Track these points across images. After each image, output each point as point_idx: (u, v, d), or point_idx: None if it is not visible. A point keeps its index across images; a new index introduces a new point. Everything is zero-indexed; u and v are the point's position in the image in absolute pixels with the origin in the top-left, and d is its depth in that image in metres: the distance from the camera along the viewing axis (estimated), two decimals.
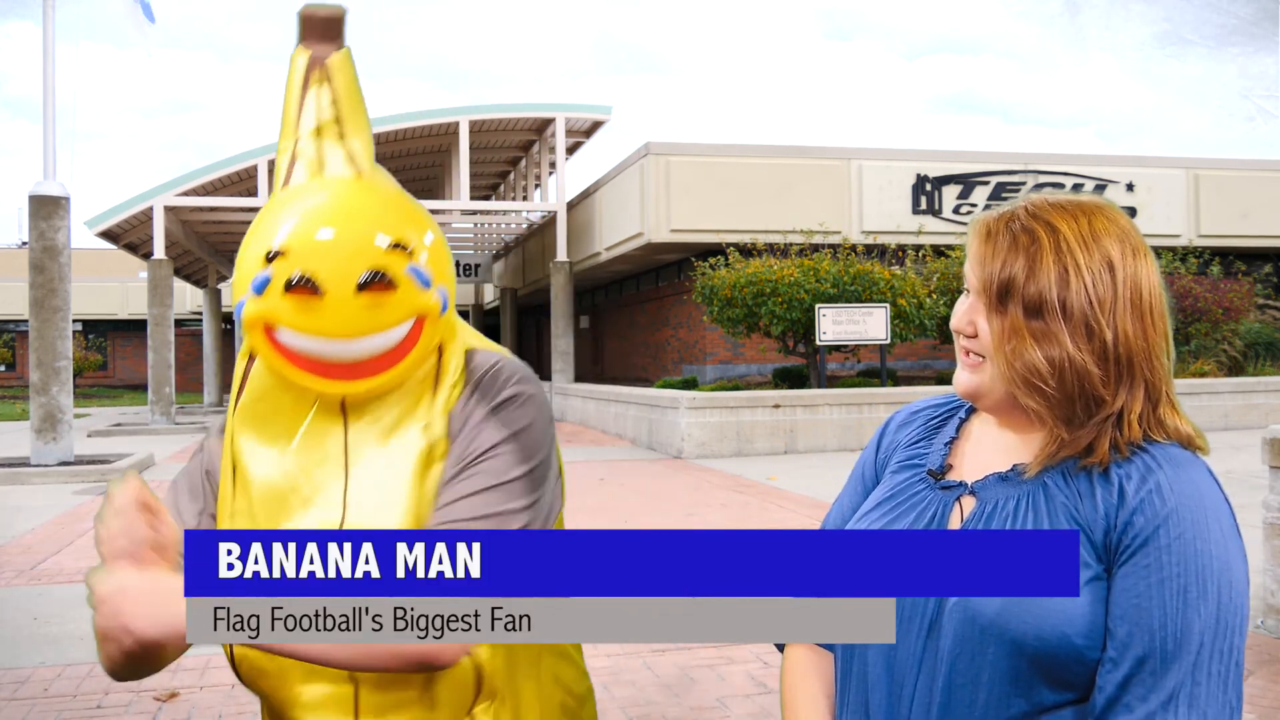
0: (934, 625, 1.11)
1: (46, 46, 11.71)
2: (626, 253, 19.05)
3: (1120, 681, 1.01)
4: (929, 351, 18.66)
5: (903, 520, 1.18)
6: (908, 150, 18.77)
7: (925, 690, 1.10)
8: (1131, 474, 1.06)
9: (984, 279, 1.10)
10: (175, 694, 4.03)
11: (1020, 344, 1.08)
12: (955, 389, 1.19)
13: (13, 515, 8.76)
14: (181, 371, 35.31)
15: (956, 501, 1.16)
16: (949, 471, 1.21)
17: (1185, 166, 19.78)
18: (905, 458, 1.27)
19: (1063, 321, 1.06)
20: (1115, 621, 1.03)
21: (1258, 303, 18.15)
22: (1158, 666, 1.00)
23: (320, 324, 1.25)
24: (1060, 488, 1.10)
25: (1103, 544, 1.05)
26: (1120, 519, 1.04)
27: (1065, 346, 1.06)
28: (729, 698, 3.91)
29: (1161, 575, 1.01)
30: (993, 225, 1.12)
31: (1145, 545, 1.03)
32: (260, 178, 18.91)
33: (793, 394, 12.92)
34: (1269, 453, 4.76)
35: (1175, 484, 1.05)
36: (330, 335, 1.26)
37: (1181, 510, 1.03)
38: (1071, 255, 1.07)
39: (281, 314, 1.26)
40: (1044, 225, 1.09)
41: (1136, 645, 1.01)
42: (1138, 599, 1.02)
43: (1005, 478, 1.14)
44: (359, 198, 1.31)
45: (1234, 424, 13.53)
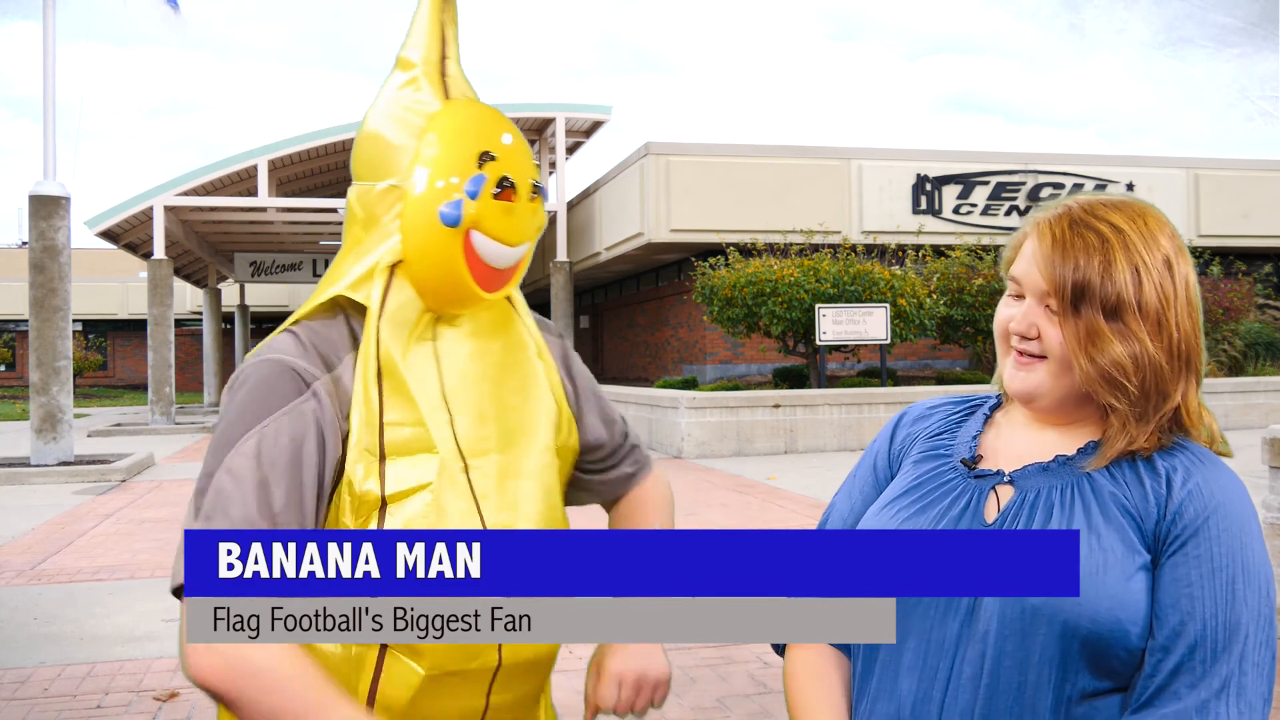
0: (972, 609, 1.11)
1: (46, 46, 11.71)
2: (626, 253, 19.04)
3: (1172, 669, 1.03)
4: (929, 351, 18.66)
5: (933, 508, 1.19)
6: (908, 150, 18.77)
7: (965, 674, 1.10)
8: (1177, 467, 1.10)
9: (1056, 281, 1.11)
10: (175, 694, 4.03)
11: (1103, 344, 1.10)
12: (1010, 391, 1.18)
13: (13, 515, 8.76)
14: (181, 371, 35.32)
15: (992, 490, 1.17)
16: (980, 462, 1.22)
17: (1185, 166, 19.78)
18: (928, 449, 1.27)
19: (1140, 319, 1.09)
20: (1166, 610, 1.05)
21: (1258, 303, 18.14)
22: (1208, 656, 1.02)
23: (510, 230, 1.31)
24: (1105, 479, 1.12)
25: (1153, 533, 1.08)
26: (1170, 509, 1.08)
27: (1145, 344, 1.09)
28: (729, 698, 3.91)
29: (1213, 566, 1.04)
30: (1057, 227, 1.13)
31: (1196, 536, 1.06)
32: (260, 177, 18.90)
33: (793, 394, 12.91)
34: (1269, 452, 4.76)
35: (1217, 479, 1.09)
36: (512, 241, 1.32)
37: (1228, 505, 1.07)
38: (1139, 254, 1.10)
39: (487, 218, 1.29)
40: (1107, 225, 1.11)
41: (1189, 633, 1.03)
42: (1189, 588, 1.04)
43: (1047, 468, 1.15)
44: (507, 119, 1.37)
45: (1234, 424, 13.53)
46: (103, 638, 4.88)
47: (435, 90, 1.34)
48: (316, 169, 21.44)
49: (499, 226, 1.30)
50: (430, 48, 1.36)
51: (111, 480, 11.03)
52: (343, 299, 1.33)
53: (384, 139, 1.32)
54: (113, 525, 8.18)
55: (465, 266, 1.29)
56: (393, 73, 1.37)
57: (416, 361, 1.31)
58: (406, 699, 1.26)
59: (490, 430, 1.35)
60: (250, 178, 19.50)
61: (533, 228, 1.35)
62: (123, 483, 10.93)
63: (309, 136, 19.10)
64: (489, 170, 1.28)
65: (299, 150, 19.17)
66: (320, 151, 19.84)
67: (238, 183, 19.77)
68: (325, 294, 1.32)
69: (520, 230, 1.33)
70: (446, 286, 1.30)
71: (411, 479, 1.27)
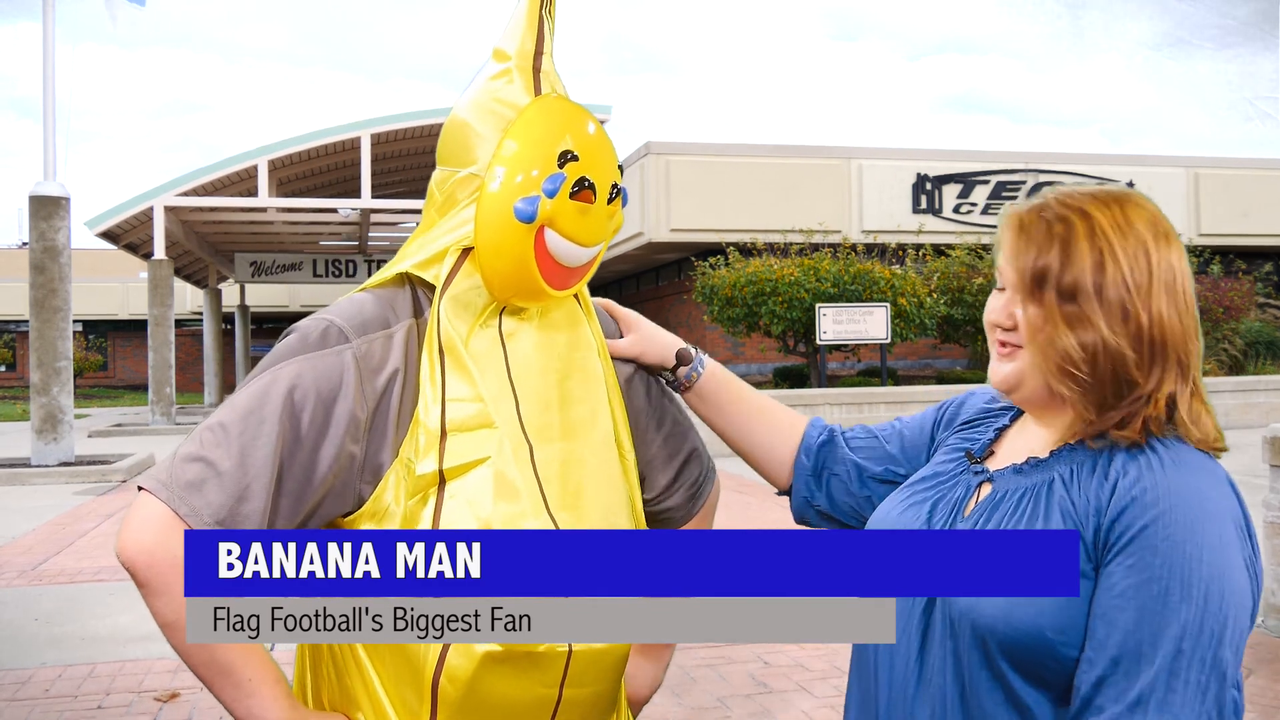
0: (927, 613, 1.12)
1: (46, 47, 11.71)
2: (627, 252, 19.04)
3: (1094, 681, 0.99)
4: (929, 351, 18.65)
5: (929, 500, 1.21)
6: (908, 149, 18.78)
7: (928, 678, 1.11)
8: (1129, 469, 1.05)
9: (1019, 268, 1.11)
10: (176, 694, 4.03)
11: (1054, 330, 1.07)
12: (991, 382, 1.18)
13: (13, 516, 8.76)
14: (182, 371, 35.30)
15: (978, 488, 1.18)
16: (989, 458, 1.22)
17: (1185, 165, 19.78)
18: (958, 441, 1.30)
19: (1098, 305, 1.06)
20: (1095, 620, 1.00)
21: (1258, 301, 18.14)
22: (1130, 668, 0.97)
23: (584, 230, 1.30)
24: (1066, 483, 1.10)
25: (1092, 541, 1.03)
26: (1109, 515, 1.03)
27: (1100, 330, 1.06)
28: (729, 698, 3.91)
29: (1144, 576, 0.98)
30: (1025, 216, 1.13)
31: (1132, 543, 1.00)
32: (260, 178, 18.90)
33: (793, 393, 12.90)
34: (1269, 452, 4.76)
35: (1174, 485, 1.02)
36: (585, 241, 1.32)
37: (1175, 511, 1.00)
38: (1106, 240, 1.07)
39: (562, 216, 1.28)
40: (1076, 213, 1.09)
41: (1112, 645, 0.98)
42: (1117, 598, 0.99)
43: (1020, 469, 1.15)
44: (594, 118, 1.36)
45: (1234, 423, 13.52)
46: (103, 638, 4.88)
47: (526, 85, 1.34)
48: (317, 169, 21.43)
49: (574, 226, 1.29)
50: (525, 40, 1.36)
51: (112, 481, 11.03)
52: (411, 275, 1.34)
53: (470, 127, 1.33)
54: (113, 526, 8.18)
55: (534, 263, 1.28)
56: (488, 62, 1.38)
57: (482, 346, 1.31)
58: (469, 674, 1.22)
59: (554, 418, 1.33)
60: (251, 178, 19.50)
61: (609, 229, 1.35)
62: (123, 483, 10.93)
63: (309, 136, 19.09)
64: (569, 170, 1.27)
65: (299, 150, 19.16)
66: (321, 152, 19.83)
67: (238, 183, 19.76)
68: (394, 269, 1.34)
69: (595, 231, 1.32)
70: (514, 280, 1.29)
71: (471, 453, 1.25)
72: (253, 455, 1.18)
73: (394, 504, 1.24)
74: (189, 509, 1.15)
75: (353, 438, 1.23)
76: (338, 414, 1.22)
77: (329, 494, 1.23)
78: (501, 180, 1.27)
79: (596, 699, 1.33)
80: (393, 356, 1.27)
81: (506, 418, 1.29)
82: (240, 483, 1.17)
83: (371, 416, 1.25)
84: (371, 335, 1.27)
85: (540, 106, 1.31)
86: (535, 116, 1.30)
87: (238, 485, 1.17)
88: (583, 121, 1.32)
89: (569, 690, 1.28)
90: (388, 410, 1.26)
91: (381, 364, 1.26)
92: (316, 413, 1.21)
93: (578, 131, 1.30)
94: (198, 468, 1.17)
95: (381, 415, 1.25)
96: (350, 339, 1.26)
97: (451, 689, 1.22)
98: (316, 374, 1.22)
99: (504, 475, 1.25)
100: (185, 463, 1.18)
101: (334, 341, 1.25)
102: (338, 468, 1.22)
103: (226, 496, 1.16)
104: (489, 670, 1.22)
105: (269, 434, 1.19)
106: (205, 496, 1.16)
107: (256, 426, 1.19)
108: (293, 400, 1.21)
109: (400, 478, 1.24)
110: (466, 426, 1.25)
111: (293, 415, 1.20)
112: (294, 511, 1.21)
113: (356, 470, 1.24)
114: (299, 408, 1.20)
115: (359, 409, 1.23)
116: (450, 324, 1.29)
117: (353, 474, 1.24)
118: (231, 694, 1.19)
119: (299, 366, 1.23)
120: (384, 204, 18.97)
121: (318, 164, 21.07)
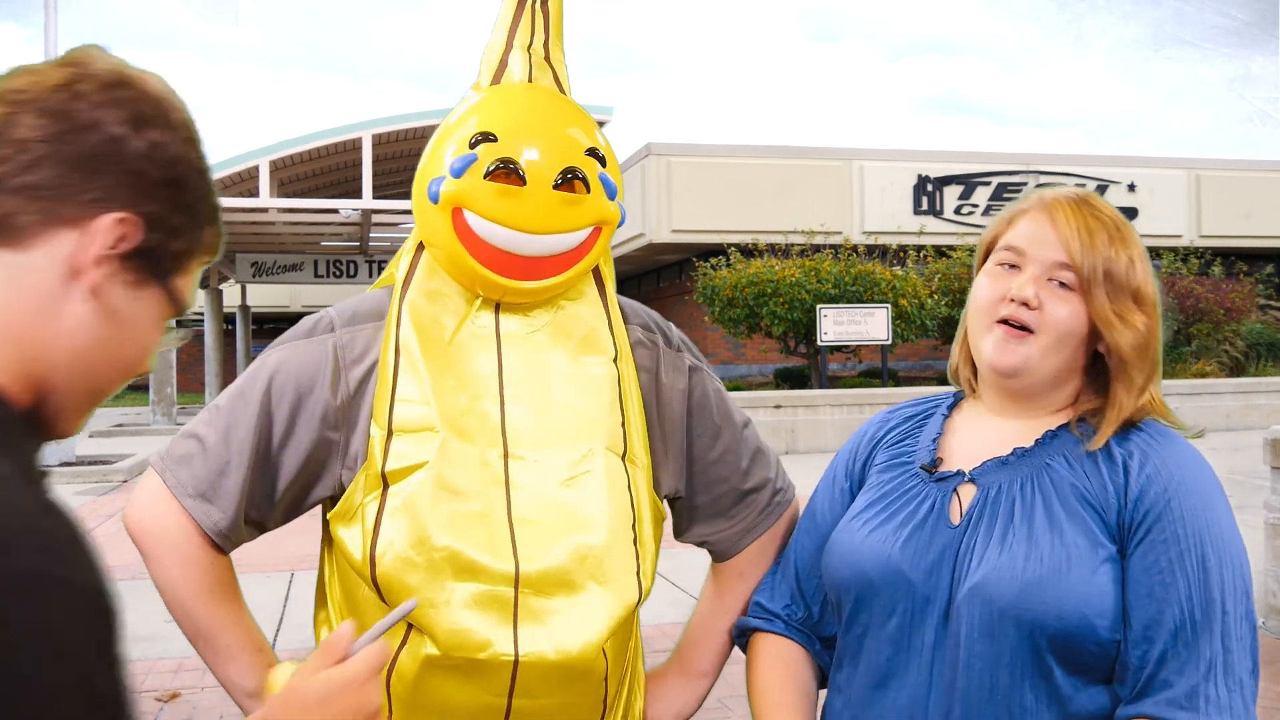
0: (949, 612, 1.11)
1: (47, 48, 11.72)
2: (628, 253, 19.04)
3: (1158, 658, 1.02)
4: (930, 352, 18.65)
5: (898, 516, 1.18)
6: (909, 151, 18.78)
7: (944, 678, 1.10)
8: (1133, 451, 1.10)
9: (1077, 258, 1.13)
10: (176, 694, 4.03)
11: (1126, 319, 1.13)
12: (1000, 363, 1.15)
13: None
14: (183, 372, 35.26)
15: (954, 492, 1.16)
16: (940, 465, 1.21)
17: (1187, 167, 19.77)
18: (890, 458, 1.27)
19: (1148, 303, 1.15)
20: (1142, 599, 1.04)
21: (1259, 303, 18.12)
22: (1190, 638, 1.01)
23: (515, 214, 1.25)
24: (1064, 468, 1.11)
25: (1116, 523, 1.07)
26: (1130, 496, 1.07)
27: (1154, 323, 1.15)
28: (729, 698, 3.90)
29: (1180, 548, 1.04)
30: (1072, 210, 1.16)
31: (1160, 519, 1.05)
32: (262, 178, 18.90)
33: (794, 394, 12.90)
34: (1270, 453, 4.75)
35: (1174, 456, 1.10)
36: (522, 227, 1.25)
37: (1188, 481, 1.07)
38: (1137, 245, 1.16)
39: (477, 198, 1.24)
40: (1108, 217, 1.16)
41: (1168, 620, 1.02)
42: (1161, 574, 1.04)
43: (1006, 462, 1.15)
44: (565, 105, 1.34)
45: (1235, 424, 13.50)
46: None
47: (487, 75, 1.35)
48: (318, 170, 21.43)
49: (496, 209, 1.24)
50: (495, 34, 1.37)
51: (113, 481, 11.03)
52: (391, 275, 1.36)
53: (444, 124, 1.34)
54: (114, 526, 8.18)
55: (461, 245, 1.25)
56: None
57: (470, 344, 1.29)
58: (414, 673, 1.21)
59: (548, 424, 1.28)
60: (251, 178, 19.50)
61: (571, 217, 1.27)
62: (124, 483, 10.92)
63: (311, 137, 19.09)
64: (484, 151, 1.24)
65: (301, 151, 19.16)
66: (322, 152, 19.83)
67: (239, 183, 19.76)
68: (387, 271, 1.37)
69: (536, 217, 1.24)
70: (455, 266, 1.28)
71: (410, 457, 1.22)
72: (235, 433, 1.25)
73: (359, 497, 1.23)
74: (175, 481, 1.24)
75: (328, 425, 1.26)
76: (313, 401, 1.26)
77: (310, 477, 1.27)
78: (422, 164, 1.30)
79: (554, 711, 1.26)
80: (374, 348, 1.29)
81: (482, 417, 1.26)
82: (222, 458, 1.24)
83: (346, 405, 1.26)
84: (359, 326, 1.30)
85: (492, 95, 1.32)
86: (478, 105, 1.31)
87: (220, 460, 1.24)
88: (529, 109, 1.31)
89: (519, 700, 1.23)
90: (362, 400, 1.27)
91: (362, 355, 1.28)
92: (293, 398, 1.26)
93: (514, 118, 1.28)
94: (190, 443, 1.26)
95: (356, 405, 1.27)
96: (336, 329, 1.30)
97: (400, 687, 1.23)
98: (299, 361, 1.28)
99: (446, 480, 1.22)
100: (182, 438, 1.28)
101: (321, 331, 1.30)
102: (314, 451, 1.26)
103: (209, 471, 1.24)
104: (431, 674, 1.21)
105: (250, 414, 1.25)
106: (191, 469, 1.24)
107: (242, 407, 1.26)
108: (273, 384, 1.26)
109: (364, 473, 1.25)
110: (410, 428, 1.24)
111: (272, 398, 1.26)
112: (272, 490, 1.27)
113: (338, 455, 1.27)
114: (278, 392, 1.26)
115: (332, 397, 1.26)
116: (425, 320, 1.28)
117: (334, 459, 1.27)
118: (211, 659, 1.27)
119: (286, 353, 1.29)
120: (385, 204, 18.97)
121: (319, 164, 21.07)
